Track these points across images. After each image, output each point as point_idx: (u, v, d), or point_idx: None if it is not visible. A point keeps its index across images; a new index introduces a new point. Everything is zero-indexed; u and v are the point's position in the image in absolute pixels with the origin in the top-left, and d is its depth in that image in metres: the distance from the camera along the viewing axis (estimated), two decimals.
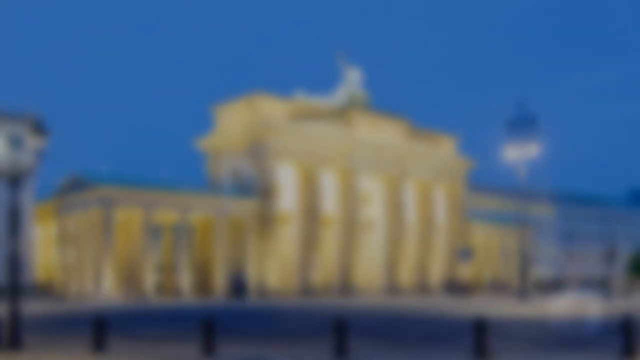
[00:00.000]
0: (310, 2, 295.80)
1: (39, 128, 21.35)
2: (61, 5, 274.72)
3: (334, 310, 38.66)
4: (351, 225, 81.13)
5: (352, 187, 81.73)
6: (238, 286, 71.09)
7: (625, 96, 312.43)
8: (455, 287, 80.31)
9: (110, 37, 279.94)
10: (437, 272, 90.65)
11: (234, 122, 79.51)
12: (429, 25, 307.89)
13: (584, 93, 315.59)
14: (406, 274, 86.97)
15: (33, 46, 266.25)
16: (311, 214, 78.03)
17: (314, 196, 78.48)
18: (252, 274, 73.66)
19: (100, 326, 18.14)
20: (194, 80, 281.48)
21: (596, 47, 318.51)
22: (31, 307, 40.13)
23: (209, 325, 17.10)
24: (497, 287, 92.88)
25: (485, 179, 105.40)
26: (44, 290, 67.82)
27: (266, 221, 74.48)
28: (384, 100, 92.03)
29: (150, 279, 68.67)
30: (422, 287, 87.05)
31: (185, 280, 70.36)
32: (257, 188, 75.42)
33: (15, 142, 20.35)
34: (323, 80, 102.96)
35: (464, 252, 79.68)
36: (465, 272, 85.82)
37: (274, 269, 74.65)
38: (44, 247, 77.02)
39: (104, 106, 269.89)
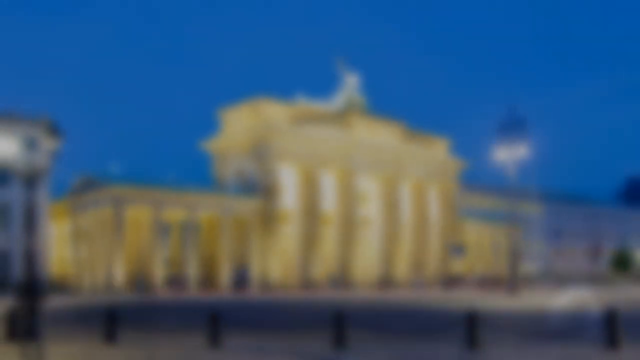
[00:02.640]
0: (311, 11, 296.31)
1: (54, 130, 21.36)
2: (73, 12, 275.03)
3: (333, 303, 38.64)
4: (350, 223, 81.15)
5: (351, 187, 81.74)
6: (240, 279, 71.19)
7: (611, 102, 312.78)
8: (450, 281, 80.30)
9: (120, 44, 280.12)
10: (431, 267, 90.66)
11: (238, 125, 79.53)
12: (426, 31, 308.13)
13: (573, 97, 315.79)
14: (402, 269, 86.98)
15: (48, 52, 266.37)
16: (312, 212, 78.04)
17: (315, 195, 78.49)
18: (255, 269, 73.71)
19: (111, 318, 18.17)
20: (199, 84, 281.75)
21: (586, 56, 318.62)
22: (46, 301, 40.14)
23: (214, 318, 17.12)
24: (488, 281, 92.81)
25: (476, 179, 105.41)
26: (58, 285, 67.84)
27: (269, 219, 74.49)
28: (380, 103, 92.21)
29: (159, 274, 68.67)
30: (416, 281, 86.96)
31: (192, 274, 70.36)
32: (260, 188, 75.45)
33: (31, 144, 20.41)
34: (323, 83, 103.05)
35: (456, 249, 79.72)
36: (458, 267, 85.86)
37: (276, 264, 74.67)
38: (59, 244, 77.07)
39: (114, 110, 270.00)
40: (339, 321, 16.37)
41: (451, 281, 76.49)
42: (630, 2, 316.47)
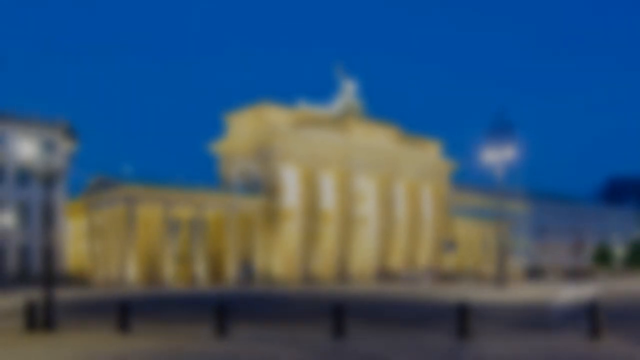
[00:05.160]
0: (311, 21, 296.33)
1: (70, 133, 21.40)
2: (89, 20, 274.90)
3: (333, 295, 38.59)
4: (348, 220, 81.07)
5: (349, 187, 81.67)
6: (245, 273, 71.11)
7: (594, 108, 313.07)
8: (441, 275, 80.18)
9: (132, 53, 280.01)
10: (424, 261, 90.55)
11: (243, 128, 79.50)
12: (420, 38, 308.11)
13: (559, 102, 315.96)
14: (397, 263, 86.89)
15: (69, 59, 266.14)
16: (312, 210, 77.98)
17: (315, 194, 78.42)
18: (259, 264, 73.65)
19: (124, 310, 18.15)
20: (206, 91, 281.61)
21: (571, 63, 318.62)
22: (63, 294, 40.12)
23: (221, 309, 17.11)
24: (478, 275, 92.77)
25: (467, 179, 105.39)
26: (75, 279, 67.82)
27: (272, 217, 74.42)
28: (376, 107, 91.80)
29: (169, 268, 68.61)
30: (411, 275, 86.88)
31: (200, 269, 70.30)
32: (263, 187, 75.38)
33: (49, 146, 20.41)
34: (322, 86, 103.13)
35: (448, 244, 79.65)
36: (450, 262, 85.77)
37: (279, 259, 74.60)
38: (75, 240, 77.02)
39: (127, 114, 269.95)
40: (338, 312, 16.36)
41: (442, 276, 76.43)
42: (618, 13, 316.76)
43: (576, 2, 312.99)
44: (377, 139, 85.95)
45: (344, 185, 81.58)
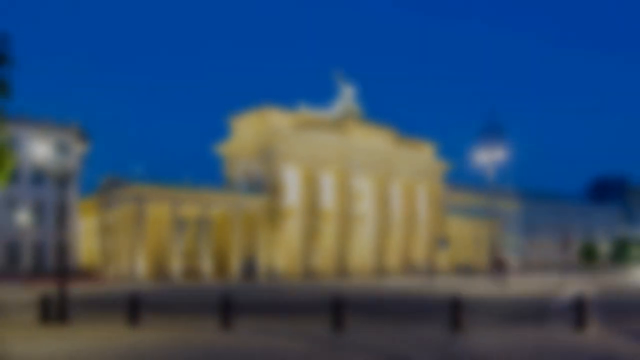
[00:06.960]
0: (312, 29, 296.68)
1: (83, 135, 21.41)
2: (97, 24, 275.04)
3: (332, 290, 38.55)
4: (346, 218, 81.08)
5: (347, 186, 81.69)
6: (249, 269, 71.04)
7: (582, 110, 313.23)
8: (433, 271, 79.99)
9: (140, 60, 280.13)
10: (419, 257, 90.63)
11: (247, 130, 79.49)
12: (418, 44, 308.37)
13: (548, 104, 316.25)
14: (393, 259, 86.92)
15: (79, 64, 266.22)
16: (312, 208, 77.98)
17: (315, 193, 78.43)
18: (262, 260, 73.64)
19: (134, 304, 18.15)
20: (211, 95, 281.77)
21: (560, 67, 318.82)
22: (75, 288, 40.09)
23: (226, 304, 17.11)
24: (470, 270, 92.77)
25: (460, 179, 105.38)
26: (86, 274, 67.78)
27: (274, 215, 74.43)
28: (374, 110, 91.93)
29: (176, 264, 68.61)
30: (406, 270, 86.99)
31: (206, 265, 70.29)
32: (266, 187, 75.37)
33: (62, 148, 20.44)
34: (321, 87, 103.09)
35: (441, 241, 79.58)
36: (443, 258, 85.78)
37: (281, 255, 74.59)
38: (87, 237, 77.02)
39: (137, 117, 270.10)
40: (338, 306, 16.36)
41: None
42: (611, 15, 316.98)
43: (569, 4, 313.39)
44: (374, 141, 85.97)
45: (343, 184, 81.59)
